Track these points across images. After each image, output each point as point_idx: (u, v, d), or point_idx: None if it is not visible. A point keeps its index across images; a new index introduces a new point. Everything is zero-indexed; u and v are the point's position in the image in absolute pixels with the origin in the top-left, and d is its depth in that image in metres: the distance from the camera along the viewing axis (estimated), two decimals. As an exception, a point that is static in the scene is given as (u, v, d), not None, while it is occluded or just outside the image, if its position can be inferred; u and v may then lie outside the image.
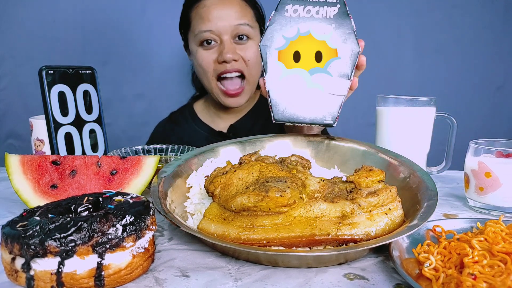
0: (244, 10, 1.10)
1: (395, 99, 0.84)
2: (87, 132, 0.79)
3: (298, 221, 0.50)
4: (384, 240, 0.46)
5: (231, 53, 1.06)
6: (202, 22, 1.07)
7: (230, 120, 1.23)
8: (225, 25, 1.06)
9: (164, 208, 0.53)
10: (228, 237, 0.49)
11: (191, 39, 1.12)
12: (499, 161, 0.67)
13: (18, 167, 0.63)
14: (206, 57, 1.09)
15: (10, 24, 1.44)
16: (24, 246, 0.39)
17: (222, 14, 1.06)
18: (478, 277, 0.38)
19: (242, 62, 1.09)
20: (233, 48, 1.08)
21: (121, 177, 0.66)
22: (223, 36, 1.07)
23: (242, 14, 1.09)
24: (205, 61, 1.09)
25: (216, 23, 1.06)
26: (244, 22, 1.08)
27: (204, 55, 1.09)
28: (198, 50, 1.10)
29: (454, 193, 0.81)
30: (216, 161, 0.72)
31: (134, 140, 1.60)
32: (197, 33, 1.08)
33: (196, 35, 1.08)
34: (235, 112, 1.23)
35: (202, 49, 1.09)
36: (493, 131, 1.77)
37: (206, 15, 1.06)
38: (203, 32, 1.07)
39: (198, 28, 1.08)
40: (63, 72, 0.75)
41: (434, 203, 0.52)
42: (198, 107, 1.30)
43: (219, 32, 1.07)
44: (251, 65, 1.10)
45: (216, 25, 1.06)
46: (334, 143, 0.76)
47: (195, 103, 1.31)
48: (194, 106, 1.30)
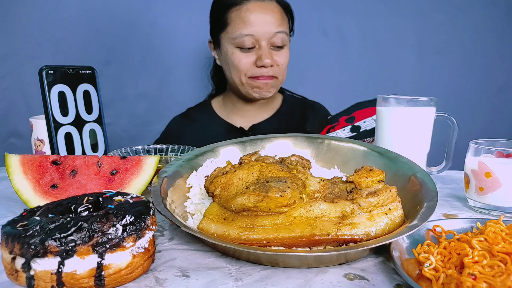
0: (283, 18, 1.15)
1: (395, 99, 0.84)
2: (87, 132, 0.79)
3: (298, 221, 0.50)
4: (384, 240, 0.46)
5: (269, 58, 1.12)
6: (244, 26, 1.11)
7: (248, 118, 1.28)
8: (265, 31, 1.11)
9: (164, 208, 0.53)
10: (229, 237, 0.49)
11: (225, 38, 1.15)
12: (499, 161, 0.67)
13: (19, 167, 0.63)
14: (244, 59, 1.13)
15: (12, 23, 1.44)
16: (25, 246, 0.39)
17: (263, 20, 1.10)
18: (478, 277, 0.38)
19: (276, 67, 1.15)
20: (270, 53, 1.13)
21: (121, 177, 0.66)
22: (261, 42, 1.12)
23: (281, 22, 1.14)
24: (242, 62, 1.14)
25: (257, 28, 1.10)
26: (283, 30, 1.13)
27: (242, 57, 1.13)
28: (234, 51, 1.14)
29: (454, 193, 0.80)
30: (216, 161, 0.72)
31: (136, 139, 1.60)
32: (236, 35, 1.12)
33: (235, 38, 1.12)
34: (254, 111, 1.28)
35: (240, 51, 1.13)
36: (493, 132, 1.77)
37: (248, 19, 1.10)
38: (244, 36, 1.11)
39: (239, 31, 1.11)
40: (63, 72, 0.75)
41: (434, 203, 0.52)
42: (215, 104, 1.33)
43: (259, 37, 1.11)
44: (282, 68, 1.17)
45: (257, 30, 1.10)
46: (335, 143, 0.76)
47: (212, 100, 1.35)
48: (211, 103, 1.33)
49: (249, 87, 1.17)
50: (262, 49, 1.12)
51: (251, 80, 1.16)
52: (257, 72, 1.14)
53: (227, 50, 1.16)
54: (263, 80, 1.16)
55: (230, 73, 1.19)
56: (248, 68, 1.14)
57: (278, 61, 1.15)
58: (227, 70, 1.21)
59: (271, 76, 1.15)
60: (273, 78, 1.17)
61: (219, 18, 1.16)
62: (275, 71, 1.16)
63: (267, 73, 1.14)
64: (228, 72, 1.20)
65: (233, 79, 1.19)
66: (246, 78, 1.16)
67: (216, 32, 1.19)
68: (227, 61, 1.17)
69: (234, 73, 1.17)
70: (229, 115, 1.30)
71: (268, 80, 1.16)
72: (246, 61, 1.13)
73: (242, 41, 1.11)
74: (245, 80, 1.16)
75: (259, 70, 1.14)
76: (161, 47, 1.59)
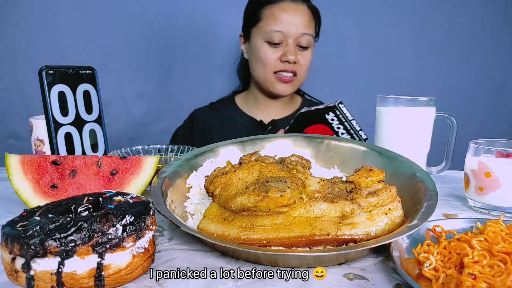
0: (311, 21, 1.25)
1: (395, 99, 0.84)
2: (87, 132, 0.79)
3: (298, 221, 0.50)
4: (384, 240, 0.46)
5: (294, 55, 1.21)
6: (275, 23, 1.20)
7: (269, 113, 1.36)
8: (294, 31, 1.21)
9: (164, 208, 0.53)
10: (228, 237, 0.49)
11: (256, 33, 1.25)
12: (499, 161, 0.67)
13: (18, 167, 0.63)
14: (270, 54, 1.23)
15: (10, 24, 1.44)
16: (24, 246, 0.39)
17: (293, 20, 1.20)
18: (478, 277, 0.38)
19: (298, 65, 1.25)
20: (295, 51, 1.23)
21: (121, 177, 0.66)
22: (289, 39, 1.21)
23: (309, 25, 1.24)
24: (268, 57, 1.23)
25: (287, 26, 1.20)
26: (309, 32, 1.23)
27: (269, 52, 1.23)
28: (263, 45, 1.23)
29: (454, 193, 0.81)
30: (216, 161, 0.72)
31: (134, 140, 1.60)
32: (268, 30, 1.21)
33: (266, 32, 1.21)
34: (274, 107, 1.36)
35: (268, 46, 1.23)
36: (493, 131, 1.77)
37: (280, 17, 1.20)
38: (274, 31, 1.20)
39: (270, 27, 1.21)
40: (63, 72, 0.75)
41: (434, 203, 0.52)
42: (238, 99, 1.43)
43: (287, 35, 1.21)
44: (304, 68, 1.27)
45: (286, 28, 1.20)
46: (334, 143, 0.76)
47: (236, 96, 1.44)
48: (235, 98, 1.43)
49: (275, 81, 1.26)
50: (289, 46, 1.21)
51: (274, 75, 1.25)
52: (280, 66, 1.23)
53: (256, 43, 1.25)
54: (284, 76, 1.25)
55: (256, 66, 1.28)
56: (273, 62, 1.23)
57: (301, 60, 1.24)
58: (253, 63, 1.29)
59: (292, 71, 1.24)
60: (293, 77, 1.26)
61: (253, 13, 1.25)
62: (297, 68, 1.25)
63: (290, 68, 1.23)
64: (254, 65, 1.29)
65: (258, 72, 1.28)
66: (270, 73, 1.25)
67: (248, 26, 1.28)
68: (255, 54, 1.27)
69: (260, 66, 1.26)
70: (251, 110, 1.38)
71: (289, 77, 1.25)
72: (272, 56, 1.23)
73: (272, 36, 1.20)
74: (269, 75, 1.25)
75: (282, 65, 1.23)
76: (160, 48, 1.59)
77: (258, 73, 1.28)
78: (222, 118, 1.38)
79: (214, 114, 1.39)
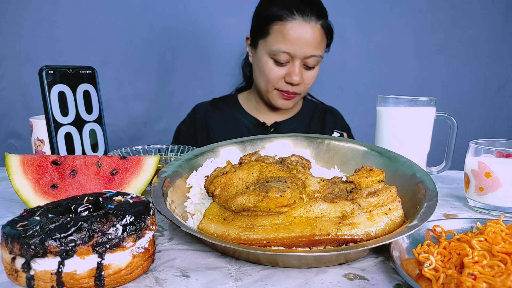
0: (322, 41, 1.18)
1: (395, 99, 0.84)
2: (87, 132, 0.79)
3: (298, 221, 0.50)
4: (384, 240, 0.46)
5: (299, 77, 1.17)
6: (283, 42, 1.14)
7: (271, 116, 1.34)
8: (301, 52, 1.14)
9: (164, 208, 0.53)
10: (228, 237, 0.49)
11: (263, 46, 1.19)
12: (499, 161, 0.67)
13: (18, 167, 0.63)
14: (275, 72, 1.18)
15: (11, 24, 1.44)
16: (24, 246, 0.39)
17: (302, 41, 1.13)
18: (478, 277, 0.38)
19: (302, 85, 1.21)
20: (301, 72, 1.18)
21: (121, 177, 0.66)
22: (295, 60, 1.16)
23: (319, 45, 1.17)
24: (272, 74, 1.19)
25: (295, 48, 1.13)
26: (318, 54, 1.17)
27: (274, 69, 1.18)
28: (268, 61, 1.18)
29: (454, 193, 0.81)
30: (216, 161, 0.72)
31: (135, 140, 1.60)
32: (275, 49, 1.15)
33: (273, 50, 1.15)
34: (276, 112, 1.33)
35: (274, 63, 1.18)
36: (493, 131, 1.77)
37: (289, 37, 1.13)
38: (281, 52, 1.14)
39: (277, 46, 1.14)
40: (63, 72, 0.75)
41: (434, 203, 0.52)
42: (241, 98, 1.39)
43: (294, 56, 1.15)
44: (308, 86, 1.24)
45: (294, 49, 1.14)
46: (334, 143, 0.76)
47: (239, 95, 1.41)
48: (238, 97, 1.39)
49: (273, 96, 1.24)
50: (295, 67, 1.16)
51: (276, 90, 1.22)
52: (284, 87, 1.20)
53: (261, 56, 1.20)
54: (286, 94, 1.22)
55: (259, 77, 1.25)
56: (277, 80, 1.19)
57: (305, 79, 1.20)
58: (257, 73, 1.26)
59: (297, 93, 1.21)
60: (296, 94, 1.22)
61: (262, 25, 1.19)
62: (301, 88, 1.21)
63: (293, 89, 1.20)
64: (258, 76, 1.25)
65: (260, 83, 1.25)
66: (272, 88, 1.22)
67: (256, 36, 1.23)
68: (259, 66, 1.22)
69: (262, 79, 1.23)
70: (253, 110, 1.36)
71: (291, 95, 1.22)
72: (276, 74, 1.18)
73: (278, 56, 1.15)
74: (271, 89, 1.22)
75: (286, 86, 1.20)
76: (160, 48, 1.59)
77: (260, 84, 1.25)
78: (224, 116, 1.35)
79: (216, 111, 1.36)
